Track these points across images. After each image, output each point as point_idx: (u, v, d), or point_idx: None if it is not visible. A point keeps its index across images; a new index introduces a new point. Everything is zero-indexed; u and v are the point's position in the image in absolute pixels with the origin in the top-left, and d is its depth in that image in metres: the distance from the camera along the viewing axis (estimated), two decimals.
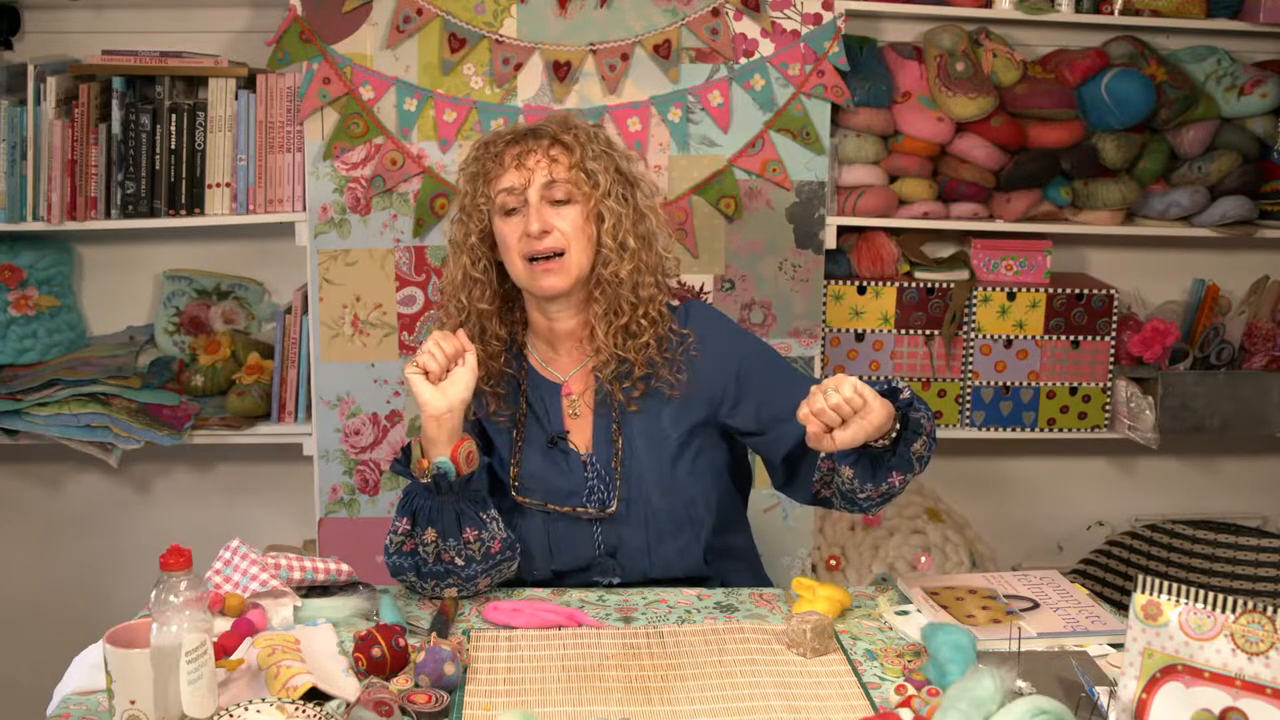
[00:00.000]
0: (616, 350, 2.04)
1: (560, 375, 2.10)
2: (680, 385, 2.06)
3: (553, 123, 2.06)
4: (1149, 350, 3.04)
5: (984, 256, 3.05)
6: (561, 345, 2.10)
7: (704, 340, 2.08)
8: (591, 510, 2.03)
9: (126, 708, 1.48)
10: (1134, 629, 1.50)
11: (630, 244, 2.02)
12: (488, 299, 2.06)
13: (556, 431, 2.07)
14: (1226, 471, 3.40)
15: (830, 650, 1.81)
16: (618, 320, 2.03)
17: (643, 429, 2.06)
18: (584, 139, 2.03)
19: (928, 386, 3.04)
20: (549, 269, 2.00)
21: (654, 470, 2.05)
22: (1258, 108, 2.98)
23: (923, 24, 3.02)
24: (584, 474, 2.05)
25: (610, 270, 2.02)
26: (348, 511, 2.85)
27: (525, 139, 2.03)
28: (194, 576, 1.49)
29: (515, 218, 2.01)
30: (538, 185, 1.99)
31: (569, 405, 2.08)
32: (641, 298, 2.03)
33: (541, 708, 1.63)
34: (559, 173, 2.00)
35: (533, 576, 2.05)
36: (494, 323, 2.07)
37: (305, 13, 2.70)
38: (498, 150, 2.03)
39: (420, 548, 1.91)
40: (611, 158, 2.05)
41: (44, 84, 2.73)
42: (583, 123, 2.08)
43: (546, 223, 1.99)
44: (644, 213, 2.06)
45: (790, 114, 2.82)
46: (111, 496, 3.14)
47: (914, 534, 3.05)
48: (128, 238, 3.01)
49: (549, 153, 2.01)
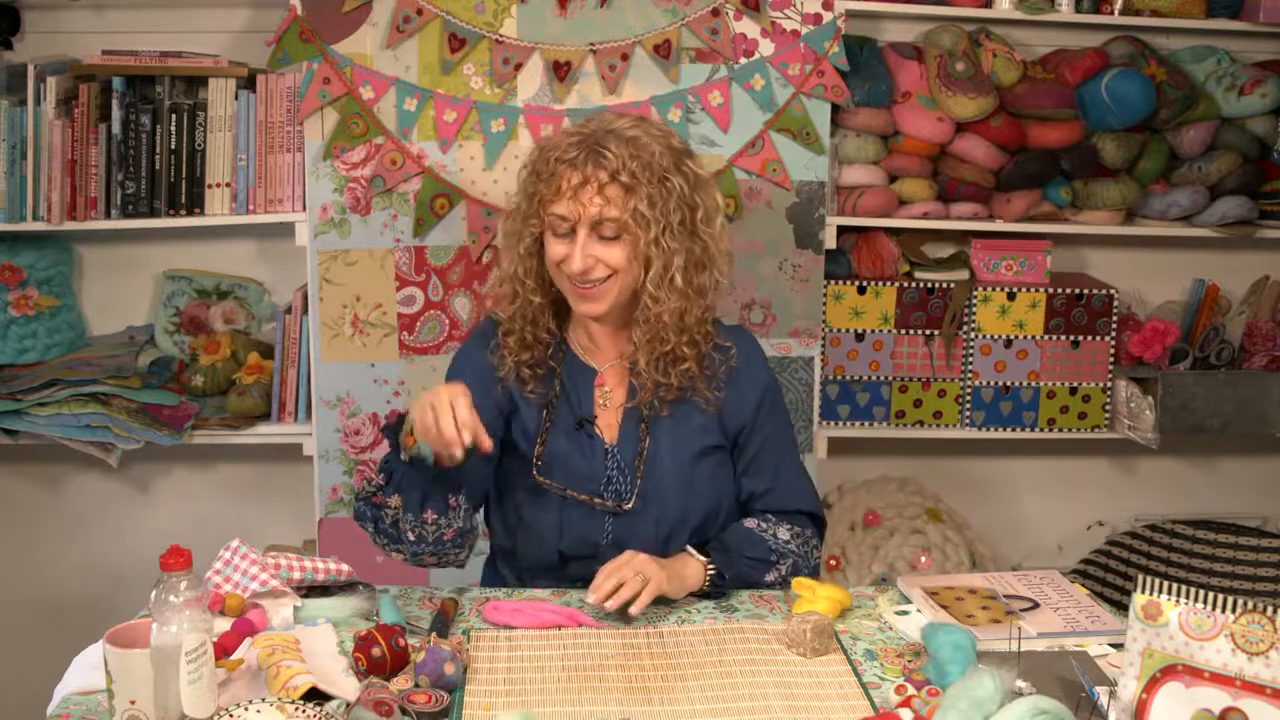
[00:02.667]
0: (656, 376, 2.05)
1: (597, 364, 2.12)
2: (715, 402, 2.09)
3: (620, 143, 1.97)
4: (1149, 350, 3.04)
5: (984, 256, 3.05)
6: (600, 340, 2.13)
7: (745, 361, 2.12)
8: (608, 503, 2.05)
9: (126, 708, 1.48)
10: (1134, 629, 1.50)
11: (678, 281, 2.01)
12: (540, 294, 2.08)
13: (585, 415, 2.09)
14: (1226, 471, 3.40)
15: (830, 650, 1.81)
16: (661, 348, 2.04)
17: (670, 431, 2.08)
18: (644, 176, 1.96)
19: (928, 386, 3.04)
20: (588, 295, 2.02)
21: (675, 473, 2.07)
22: (1258, 108, 2.98)
23: (923, 24, 3.02)
24: (604, 463, 2.07)
25: (657, 309, 2.01)
26: (348, 511, 2.85)
27: (585, 164, 1.97)
28: (194, 576, 1.49)
29: (563, 239, 2.00)
30: (587, 222, 1.97)
31: (600, 395, 2.11)
32: (686, 325, 2.04)
33: (541, 708, 1.63)
34: (610, 213, 1.97)
35: (539, 558, 2.07)
36: (546, 316, 2.10)
37: (305, 13, 2.70)
38: (554, 169, 1.99)
39: (383, 507, 1.94)
40: (673, 188, 1.99)
41: (44, 84, 2.73)
42: (652, 143, 1.99)
43: (590, 259, 1.98)
44: (702, 239, 2.03)
45: (790, 114, 2.82)
46: (111, 496, 3.14)
47: (914, 534, 3.05)
48: (128, 238, 3.01)
49: (604, 191, 1.96)
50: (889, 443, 3.20)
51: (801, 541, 2.09)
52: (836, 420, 3.04)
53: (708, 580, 1.98)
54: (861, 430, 3.06)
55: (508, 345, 2.10)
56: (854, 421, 3.05)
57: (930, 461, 3.28)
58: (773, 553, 2.05)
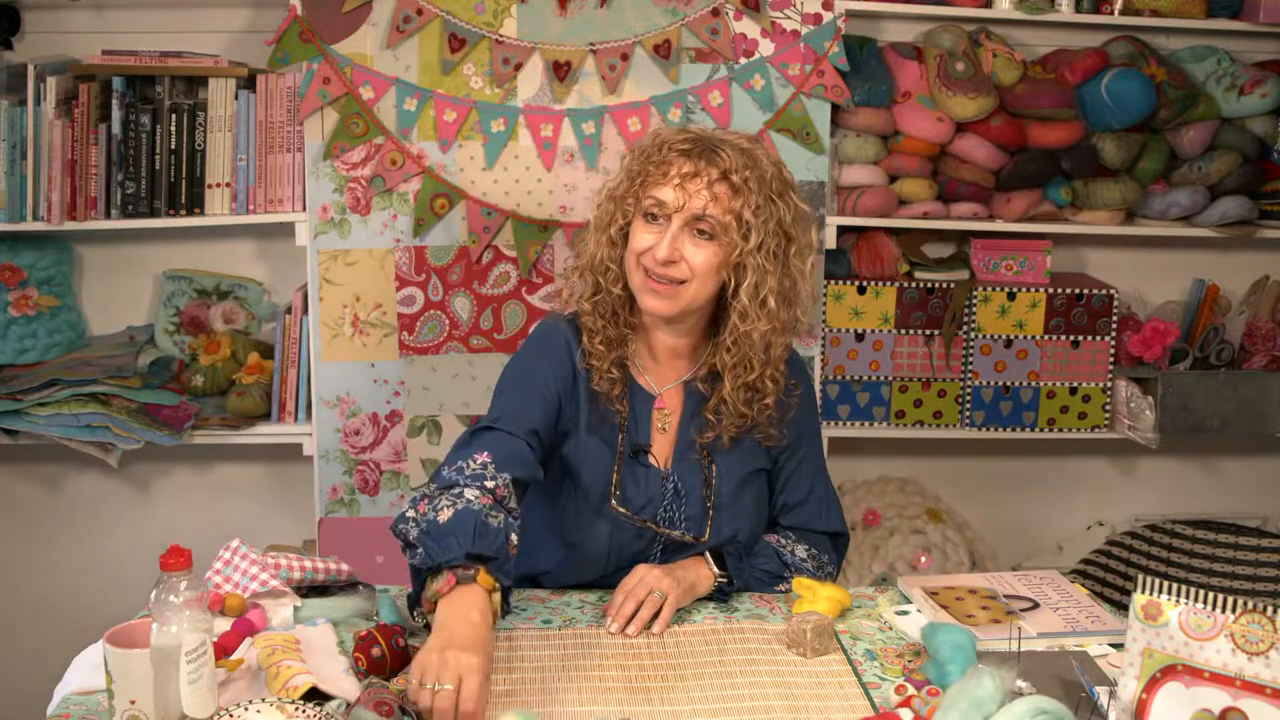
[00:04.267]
0: (740, 407, 2.01)
1: (656, 387, 2.07)
2: (774, 440, 2.07)
3: (736, 151, 1.94)
4: (1149, 350, 3.04)
5: (984, 256, 3.05)
6: (662, 357, 2.07)
7: (801, 399, 2.11)
8: (687, 536, 2.01)
9: (126, 708, 1.48)
10: (1134, 629, 1.50)
11: (771, 304, 1.95)
12: (620, 286, 2.01)
13: (642, 444, 2.04)
14: (1226, 471, 3.40)
15: (830, 650, 1.81)
16: (746, 375, 1.99)
17: (722, 458, 2.05)
18: (755, 185, 1.93)
19: (928, 386, 3.04)
20: (659, 291, 1.95)
21: (730, 499, 2.05)
22: (1258, 108, 2.98)
23: (923, 24, 3.02)
24: (661, 489, 2.03)
25: (747, 327, 1.96)
26: (348, 511, 2.85)
27: (699, 158, 1.93)
28: (194, 576, 1.49)
29: (654, 227, 1.95)
30: (687, 213, 1.92)
31: (659, 419, 2.06)
32: (772, 358, 2.00)
33: (541, 708, 1.63)
34: (714, 210, 1.91)
35: (578, 579, 2.04)
36: (625, 309, 2.03)
37: (305, 13, 2.70)
38: (666, 157, 1.94)
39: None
40: (776, 209, 1.95)
41: (44, 84, 2.73)
42: (767, 163, 1.97)
43: (676, 252, 1.92)
44: (793, 273, 1.99)
45: (790, 114, 2.82)
46: (111, 496, 3.14)
47: (914, 534, 3.05)
48: (128, 238, 3.01)
49: (713, 186, 1.92)
50: (889, 443, 3.20)
51: (817, 564, 2.09)
52: (836, 420, 3.04)
53: (715, 587, 1.98)
54: (861, 430, 3.06)
55: (596, 351, 2.01)
56: (854, 421, 3.05)
57: (930, 461, 3.28)
58: (786, 568, 2.05)
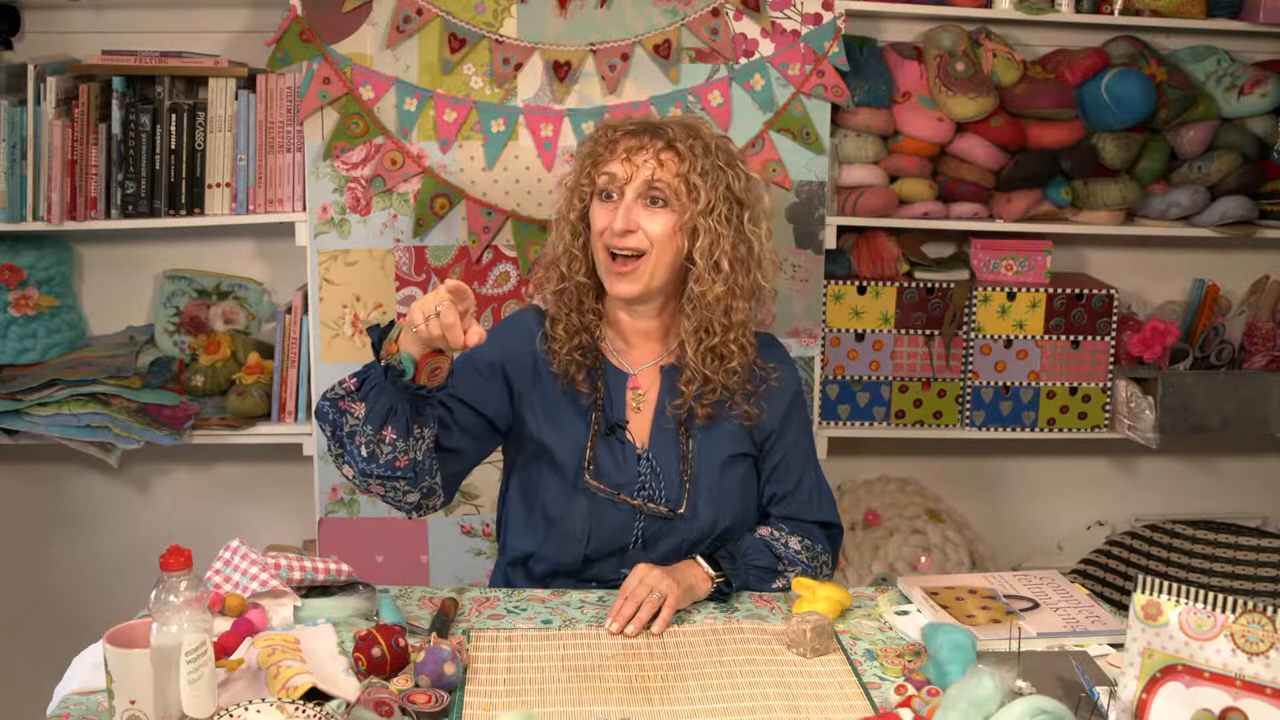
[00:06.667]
0: (704, 370, 2.05)
1: (630, 367, 2.12)
2: (753, 419, 2.09)
3: (679, 125, 2.06)
4: (1149, 350, 3.04)
5: (984, 256, 3.05)
6: (635, 340, 2.13)
7: (781, 379, 2.13)
8: (661, 508, 2.04)
9: (126, 708, 1.48)
10: (1134, 629, 1.50)
11: (724, 266, 2.03)
12: (584, 274, 2.09)
13: (618, 420, 2.08)
14: (1226, 471, 3.40)
15: (830, 650, 1.81)
16: (708, 340, 2.04)
17: (702, 437, 2.08)
18: (700, 151, 2.02)
19: (928, 386, 3.04)
20: (624, 272, 2.03)
21: (707, 480, 2.07)
22: (1258, 108, 2.98)
23: (923, 24, 3.02)
24: (638, 467, 2.06)
25: (701, 289, 2.03)
26: (348, 511, 2.85)
27: (643, 134, 2.04)
28: (194, 576, 1.49)
29: (609, 204, 2.03)
30: (637, 182, 2.01)
31: (633, 399, 2.10)
32: (734, 321, 2.05)
33: (541, 708, 1.63)
34: (662, 176, 2.01)
35: (563, 560, 2.06)
36: (590, 297, 2.10)
37: (305, 13, 2.70)
38: (613, 137, 2.05)
39: (346, 413, 1.87)
40: (724, 175, 2.04)
41: (44, 84, 2.73)
42: (710, 135, 2.07)
43: (632, 221, 2.01)
44: (748, 237, 2.06)
45: (790, 114, 2.82)
46: (111, 496, 3.14)
47: (914, 534, 3.05)
48: (128, 238, 3.01)
49: (659, 155, 2.02)
50: (889, 443, 3.20)
51: (811, 555, 2.10)
52: (836, 420, 3.04)
53: (713, 589, 1.98)
54: (861, 430, 3.06)
55: (557, 336, 2.08)
56: (854, 421, 3.05)
57: (930, 461, 3.28)
58: (780, 561, 2.06)
